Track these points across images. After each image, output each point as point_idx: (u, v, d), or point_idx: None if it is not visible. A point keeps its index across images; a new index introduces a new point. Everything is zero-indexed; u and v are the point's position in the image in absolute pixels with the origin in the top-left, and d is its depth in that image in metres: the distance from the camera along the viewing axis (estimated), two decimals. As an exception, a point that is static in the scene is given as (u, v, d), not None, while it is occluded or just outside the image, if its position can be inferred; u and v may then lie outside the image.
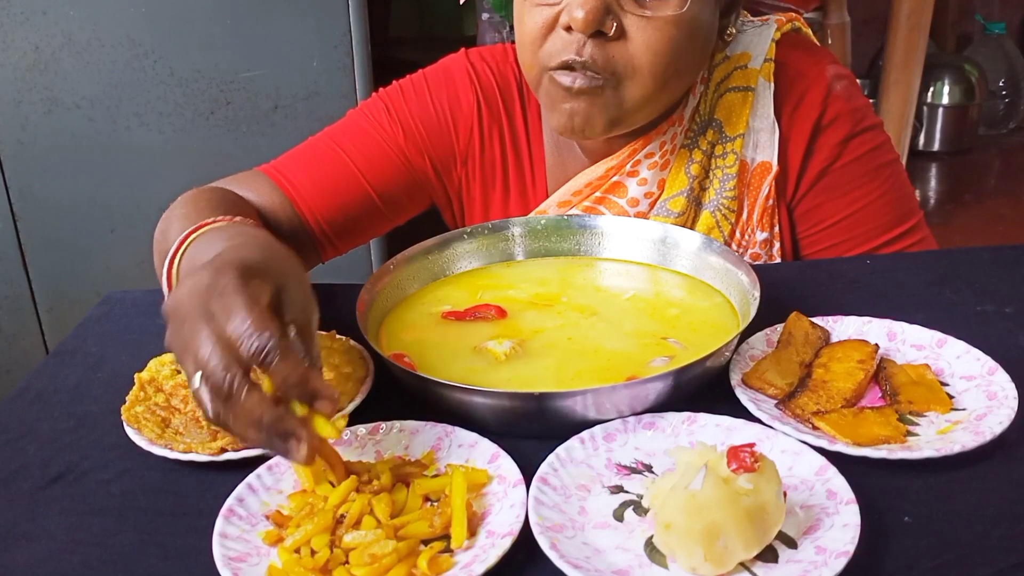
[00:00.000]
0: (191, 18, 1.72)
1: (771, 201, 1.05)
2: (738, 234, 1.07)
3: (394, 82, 1.12)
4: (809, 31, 1.13)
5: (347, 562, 0.59)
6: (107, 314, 0.99)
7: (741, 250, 1.07)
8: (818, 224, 1.07)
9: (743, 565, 0.57)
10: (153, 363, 0.83)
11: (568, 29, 0.91)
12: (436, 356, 0.82)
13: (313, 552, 0.60)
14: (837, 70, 1.06)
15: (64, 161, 1.78)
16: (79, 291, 1.86)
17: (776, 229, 1.06)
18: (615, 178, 1.05)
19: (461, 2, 2.48)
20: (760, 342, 0.81)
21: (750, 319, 0.77)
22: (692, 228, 1.07)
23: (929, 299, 0.91)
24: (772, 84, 1.04)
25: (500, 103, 1.10)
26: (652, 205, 1.06)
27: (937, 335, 0.80)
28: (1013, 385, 0.72)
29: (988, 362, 0.76)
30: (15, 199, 1.79)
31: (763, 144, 1.04)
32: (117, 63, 1.73)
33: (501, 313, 0.87)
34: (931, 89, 3.50)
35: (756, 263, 1.07)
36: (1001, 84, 3.72)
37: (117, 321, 0.97)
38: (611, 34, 0.90)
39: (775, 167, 1.04)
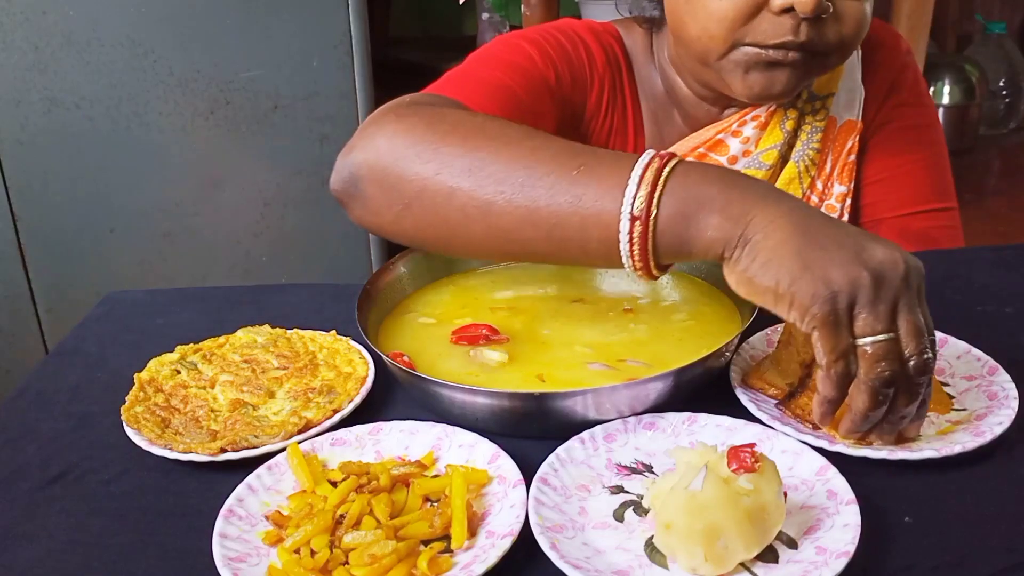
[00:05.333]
0: (191, 18, 1.72)
1: (852, 156, 1.10)
2: (819, 185, 1.11)
3: (522, 31, 1.08)
4: None
5: (347, 562, 0.59)
6: (107, 314, 0.99)
7: (819, 202, 1.11)
8: (864, 179, 1.13)
9: (743, 565, 0.57)
10: (153, 363, 0.83)
11: (783, 12, 0.91)
12: (436, 355, 0.82)
13: (313, 552, 0.60)
14: (909, 48, 1.15)
15: (64, 161, 1.78)
16: (79, 291, 1.86)
17: (852, 185, 1.11)
18: (719, 136, 1.08)
19: (461, 2, 2.48)
20: (760, 342, 0.81)
21: (750, 319, 0.77)
22: (776, 179, 1.10)
23: (929, 299, 0.90)
24: (859, 51, 1.11)
25: (615, 71, 1.10)
26: (745, 158, 1.09)
27: (937, 335, 0.80)
28: (1013, 385, 0.72)
29: (988, 362, 0.76)
30: (15, 199, 1.79)
31: (850, 104, 1.11)
32: (117, 63, 1.73)
33: (493, 332, 0.85)
34: (931, 89, 3.49)
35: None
36: (1001, 84, 3.71)
37: (117, 321, 0.97)
38: (826, 16, 0.92)
39: (860, 125, 1.10)
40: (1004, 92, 3.76)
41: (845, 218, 1.11)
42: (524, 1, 2.20)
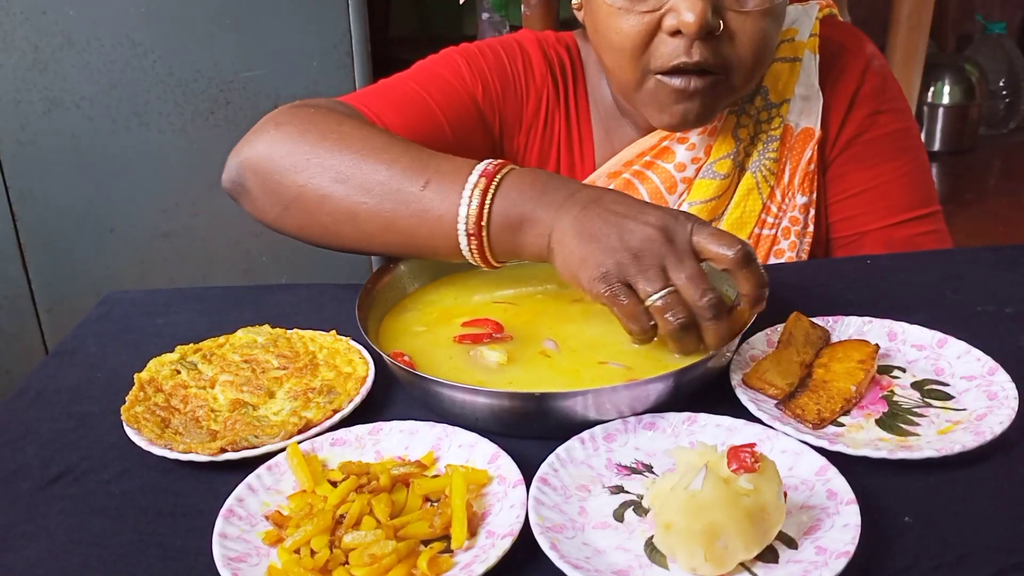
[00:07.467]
0: (191, 18, 1.72)
1: (812, 166, 1.09)
2: (779, 196, 1.10)
3: (463, 44, 1.12)
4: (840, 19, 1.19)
5: (347, 562, 0.59)
6: (107, 314, 0.99)
7: (780, 213, 1.10)
8: (841, 193, 1.11)
9: (743, 565, 0.57)
10: (153, 363, 0.83)
11: (674, 33, 0.93)
12: (436, 355, 0.82)
13: (313, 552, 0.60)
14: (874, 49, 1.13)
15: (64, 161, 1.78)
16: (79, 291, 1.86)
17: (814, 195, 1.10)
18: (665, 143, 1.08)
19: (461, 2, 2.48)
20: (760, 342, 0.81)
21: (750, 320, 0.77)
22: (734, 190, 1.09)
23: (929, 299, 0.91)
24: (817, 56, 1.09)
25: (562, 81, 1.13)
26: (699, 170, 1.09)
27: (937, 335, 0.80)
28: (1013, 385, 0.72)
29: (988, 362, 0.76)
30: (15, 199, 1.79)
31: (807, 111, 1.09)
32: (117, 63, 1.73)
33: (498, 328, 0.86)
34: (931, 89, 3.50)
35: (769, 263, 1.08)
36: (1001, 84, 3.72)
37: (117, 321, 0.97)
38: (717, 33, 0.93)
39: (818, 132, 1.08)
40: (1004, 92, 3.76)
41: (810, 229, 1.10)
42: (524, 1, 2.21)
